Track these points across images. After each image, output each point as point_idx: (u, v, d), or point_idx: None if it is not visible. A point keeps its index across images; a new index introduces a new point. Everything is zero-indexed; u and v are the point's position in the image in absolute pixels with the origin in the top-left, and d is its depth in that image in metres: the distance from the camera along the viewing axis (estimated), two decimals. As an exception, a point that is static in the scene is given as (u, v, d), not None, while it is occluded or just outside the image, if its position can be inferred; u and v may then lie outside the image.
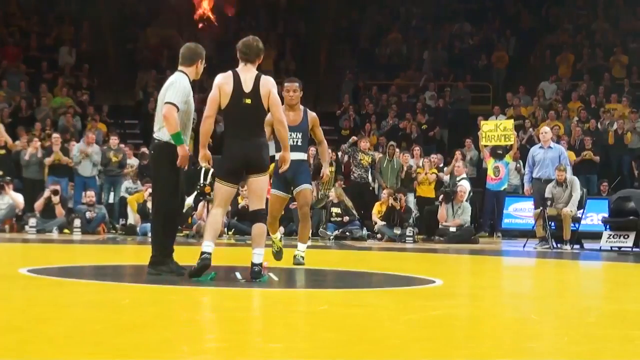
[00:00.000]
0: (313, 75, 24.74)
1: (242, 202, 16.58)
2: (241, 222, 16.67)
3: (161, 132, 7.48)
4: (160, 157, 7.53)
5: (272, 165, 8.03)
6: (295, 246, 9.75)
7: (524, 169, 16.54)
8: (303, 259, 9.12)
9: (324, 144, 9.54)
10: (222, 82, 7.14)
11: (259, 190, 7.35)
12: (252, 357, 3.92)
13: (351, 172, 18.37)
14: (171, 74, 7.84)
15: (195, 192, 9.45)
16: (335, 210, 17.30)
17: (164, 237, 7.73)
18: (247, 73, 7.15)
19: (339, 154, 18.90)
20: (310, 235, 10.60)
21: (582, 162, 19.16)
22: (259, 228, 7.26)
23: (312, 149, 17.31)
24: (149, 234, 15.67)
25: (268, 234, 8.24)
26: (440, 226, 16.94)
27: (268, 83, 7.18)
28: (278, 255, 9.22)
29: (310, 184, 9.37)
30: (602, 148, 19.92)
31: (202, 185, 9.38)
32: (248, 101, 7.08)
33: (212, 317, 5.50)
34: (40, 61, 24.07)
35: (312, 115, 9.21)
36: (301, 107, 9.13)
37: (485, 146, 18.38)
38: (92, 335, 4.40)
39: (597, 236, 15.81)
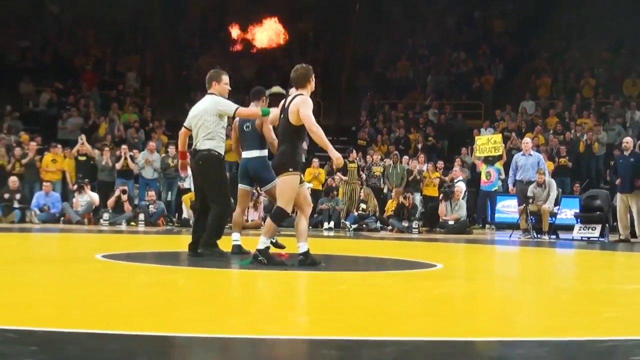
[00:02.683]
0: (336, 95, 24.76)
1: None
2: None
3: (204, 144, 7.52)
4: (208, 163, 7.57)
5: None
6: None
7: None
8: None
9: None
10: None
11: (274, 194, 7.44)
12: (286, 328, 3.92)
13: (367, 180, 18.59)
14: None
15: None
16: (363, 206, 17.57)
17: (220, 225, 7.81)
18: (292, 95, 7.00)
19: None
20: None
21: (558, 167, 19.11)
22: (266, 221, 7.25)
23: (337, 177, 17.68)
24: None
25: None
26: (440, 220, 16.96)
27: (297, 101, 6.80)
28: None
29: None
30: (575, 156, 19.85)
31: None
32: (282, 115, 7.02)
33: (252, 295, 5.51)
34: (112, 85, 24.25)
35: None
36: None
37: (478, 157, 18.47)
38: (153, 310, 4.42)
39: (570, 228, 15.76)
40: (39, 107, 22.94)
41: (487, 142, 18.34)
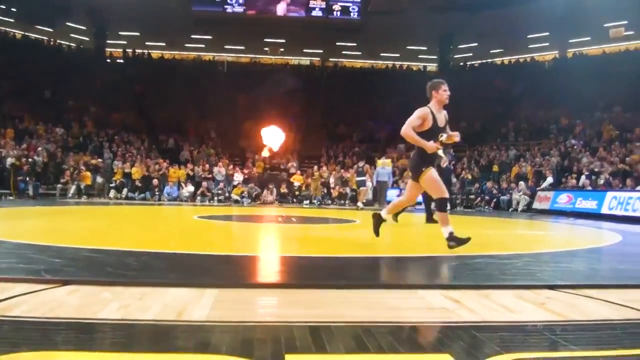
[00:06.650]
0: (312, 139, 24.64)
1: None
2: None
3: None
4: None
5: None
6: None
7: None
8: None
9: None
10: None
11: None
12: (289, 251, 3.85)
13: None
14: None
15: None
16: (324, 192, 17.30)
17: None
18: None
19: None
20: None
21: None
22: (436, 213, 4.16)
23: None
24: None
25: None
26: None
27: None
28: None
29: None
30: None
31: None
32: None
33: (279, 237, 5.43)
34: (202, 136, 23.90)
35: None
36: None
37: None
38: (220, 242, 4.33)
39: (420, 204, 15.63)
40: (169, 146, 22.61)
41: (383, 162, 18.27)
